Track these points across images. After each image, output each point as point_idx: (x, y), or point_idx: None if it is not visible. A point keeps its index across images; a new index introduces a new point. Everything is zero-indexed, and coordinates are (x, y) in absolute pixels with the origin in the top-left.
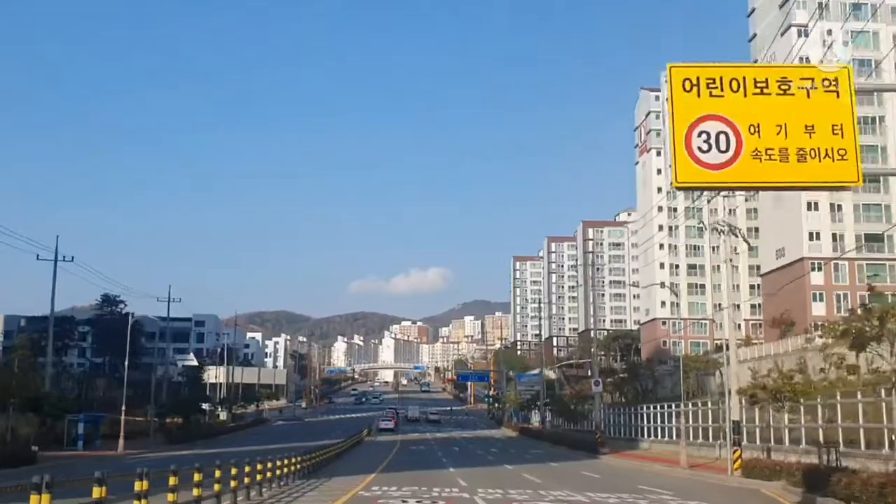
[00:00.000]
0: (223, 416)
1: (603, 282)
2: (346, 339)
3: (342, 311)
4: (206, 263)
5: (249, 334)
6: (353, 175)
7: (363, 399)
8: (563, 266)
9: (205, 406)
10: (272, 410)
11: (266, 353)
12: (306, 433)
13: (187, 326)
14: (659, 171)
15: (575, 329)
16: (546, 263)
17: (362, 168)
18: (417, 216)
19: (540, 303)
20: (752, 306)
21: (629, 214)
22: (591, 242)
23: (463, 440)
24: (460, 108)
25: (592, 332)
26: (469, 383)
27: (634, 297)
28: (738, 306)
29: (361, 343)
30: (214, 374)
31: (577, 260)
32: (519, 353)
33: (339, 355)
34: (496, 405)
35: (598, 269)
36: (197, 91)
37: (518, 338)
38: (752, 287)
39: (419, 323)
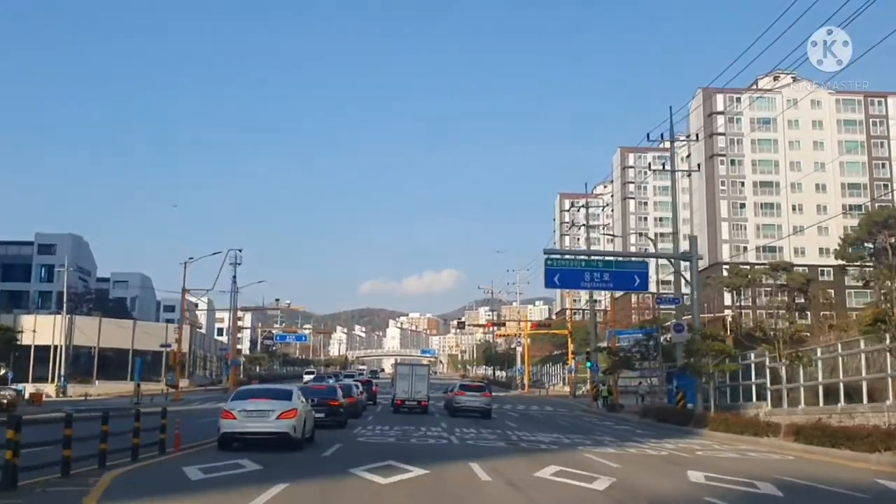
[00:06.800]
0: None
1: (742, 183)
2: (345, 330)
3: (348, 308)
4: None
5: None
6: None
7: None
8: (644, 188)
9: None
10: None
11: (219, 331)
12: None
13: (27, 254)
14: None
15: (665, 283)
16: (619, 186)
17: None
18: (434, 220)
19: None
20: None
21: (775, 79)
22: (718, 119)
23: None
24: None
25: None
26: (519, 345)
27: (795, 209)
28: None
29: (363, 335)
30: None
31: (689, 153)
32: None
33: (336, 346)
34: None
35: (733, 163)
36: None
37: (567, 304)
38: None
39: (428, 315)
